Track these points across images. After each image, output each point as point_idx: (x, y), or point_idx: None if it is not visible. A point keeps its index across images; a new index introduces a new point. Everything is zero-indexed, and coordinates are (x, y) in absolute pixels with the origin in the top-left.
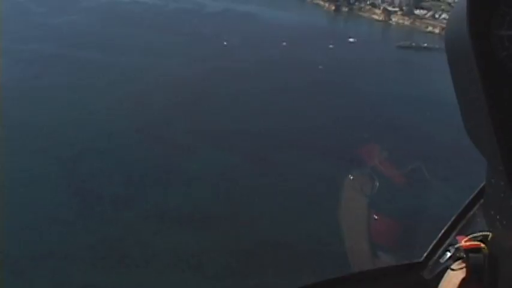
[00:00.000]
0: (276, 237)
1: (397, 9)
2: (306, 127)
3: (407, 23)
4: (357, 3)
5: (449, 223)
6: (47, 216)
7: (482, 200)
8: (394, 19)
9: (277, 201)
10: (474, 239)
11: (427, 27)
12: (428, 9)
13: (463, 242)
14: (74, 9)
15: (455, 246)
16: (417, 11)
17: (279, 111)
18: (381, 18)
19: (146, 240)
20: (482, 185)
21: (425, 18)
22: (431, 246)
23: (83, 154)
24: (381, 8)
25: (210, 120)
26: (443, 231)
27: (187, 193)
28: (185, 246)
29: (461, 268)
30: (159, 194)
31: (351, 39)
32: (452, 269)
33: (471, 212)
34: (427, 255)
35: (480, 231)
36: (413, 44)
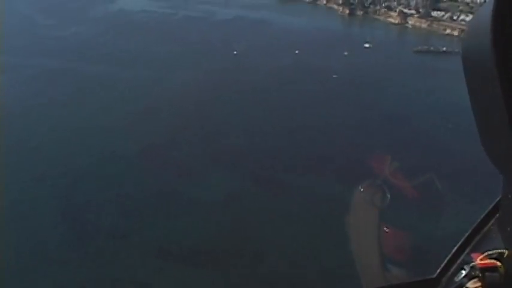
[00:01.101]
0: (287, 273)
1: (413, 11)
2: (318, 143)
3: (424, 25)
4: (371, 6)
5: (463, 239)
6: (37, 253)
7: (497, 216)
8: (410, 22)
9: (288, 230)
10: (489, 256)
11: (445, 29)
12: (446, 11)
13: (479, 260)
14: (82, 20)
15: (471, 264)
16: (434, 13)
17: (289, 127)
18: (396, 21)
19: (145, 281)
20: (497, 200)
21: (443, 20)
22: (444, 262)
23: (80, 181)
24: (397, 10)
25: (217, 139)
26: (456, 247)
27: (190, 224)
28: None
29: (476, 287)
30: (160, 225)
31: (367, 45)
32: None
33: (486, 228)
34: (440, 272)
35: (495, 248)
36: (432, 48)
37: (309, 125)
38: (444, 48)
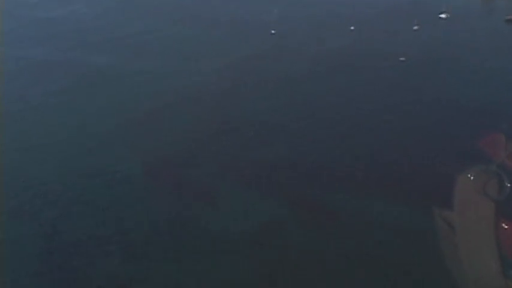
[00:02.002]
0: None
1: None
2: (379, 152)
3: None
4: None
5: None
6: None
7: None
8: None
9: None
10: None
11: None
12: None
13: None
14: None
15: None
16: None
17: (341, 131)
18: None
19: None
20: None
21: None
22: None
23: (70, 212)
24: None
25: (245, 150)
26: None
27: (208, 271)
28: None
29: None
30: (170, 272)
31: (442, 15)
32: None
33: None
34: None
35: None
36: None
37: (366, 127)
38: None
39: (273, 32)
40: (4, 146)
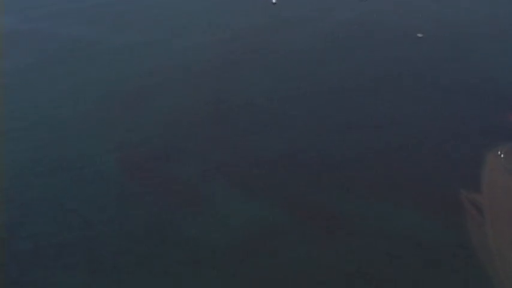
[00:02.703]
0: None
1: None
2: (391, 148)
3: None
4: None
5: None
6: None
7: None
8: None
9: None
10: None
11: None
12: None
13: None
14: None
15: None
16: None
17: (347, 122)
18: None
19: None
20: None
21: None
22: None
23: (29, 214)
24: None
25: (237, 144)
26: None
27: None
28: None
29: None
30: None
31: None
32: None
33: None
34: None
35: None
36: None
37: (378, 117)
38: None
39: (274, 1)
40: None
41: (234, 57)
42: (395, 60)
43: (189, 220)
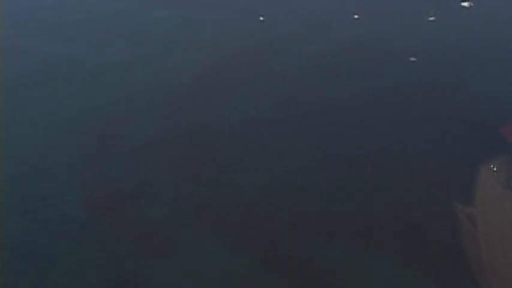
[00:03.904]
0: None
1: None
2: (386, 186)
3: None
4: None
5: None
6: None
7: None
8: None
9: None
10: None
11: None
12: None
13: None
14: None
15: None
16: None
17: (342, 155)
18: None
19: None
20: None
21: None
22: None
23: None
24: None
25: (217, 182)
26: None
27: None
28: None
29: None
30: None
31: (465, 3)
32: None
33: None
34: None
35: None
36: None
37: (374, 148)
38: None
39: (261, 19)
40: None
41: (216, 80)
42: (363, 91)
43: (155, 272)
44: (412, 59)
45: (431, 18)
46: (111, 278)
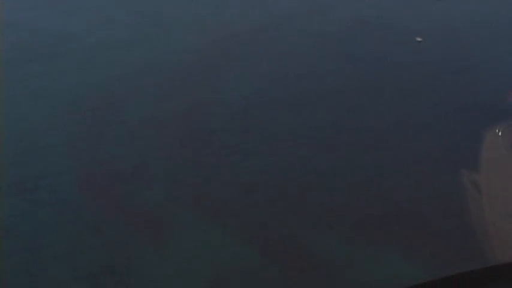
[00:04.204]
0: None
1: None
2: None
3: None
4: None
5: None
6: None
7: None
8: None
9: None
10: None
11: None
12: None
13: None
14: None
15: None
16: None
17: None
18: None
19: None
20: None
21: None
22: None
23: None
24: None
25: (218, 162)
26: None
27: None
28: None
29: None
30: None
31: None
32: None
33: None
34: None
35: None
36: None
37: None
38: None
39: None
40: None
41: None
42: (360, 77)
43: (148, 258)
44: (419, 39)
45: None
46: (104, 263)
